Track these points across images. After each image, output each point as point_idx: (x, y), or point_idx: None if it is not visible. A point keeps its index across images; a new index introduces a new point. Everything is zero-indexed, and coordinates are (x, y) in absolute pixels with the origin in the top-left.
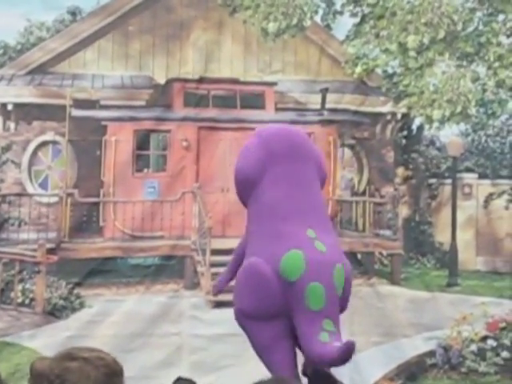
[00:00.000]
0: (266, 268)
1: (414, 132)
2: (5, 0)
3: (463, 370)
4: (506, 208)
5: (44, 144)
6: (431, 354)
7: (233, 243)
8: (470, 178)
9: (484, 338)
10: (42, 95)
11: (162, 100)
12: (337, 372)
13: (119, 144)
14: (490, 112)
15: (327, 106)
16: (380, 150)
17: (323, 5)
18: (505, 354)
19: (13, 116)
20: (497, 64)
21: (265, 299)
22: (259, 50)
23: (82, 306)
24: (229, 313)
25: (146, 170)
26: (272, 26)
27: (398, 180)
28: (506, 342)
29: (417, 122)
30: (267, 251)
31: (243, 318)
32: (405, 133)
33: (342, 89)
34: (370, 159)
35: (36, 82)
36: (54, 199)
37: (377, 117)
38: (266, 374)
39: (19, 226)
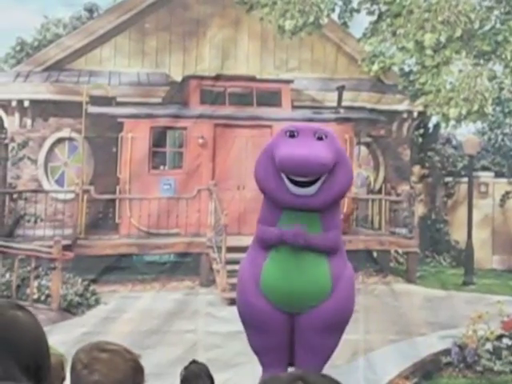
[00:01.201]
0: None
1: (431, 130)
2: None
3: (478, 368)
4: None
5: (60, 141)
6: (446, 352)
7: (248, 241)
8: (486, 176)
9: (499, 337)
10: (58, 92)
11: (179, 97)
12: (351, 369)
13: (135, 141)
14: (506, 110)
15: (343, 103)
16: (396, 148)
17: (340, 2)
18: None
19: (29, 112)
20: None
21: None
22: (276, 48)
23: (97, 302)
24: None
25: (162, 167)
26: (289, 24)
27: (414, 178)
28: None
29: (433, 120)
30: None
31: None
32: (421, 131)
33: (358, 87)
34: (386, 157)
35: (52, 79)
36: (70, 196)
37: (393, 115)
38: None
39: (35, 222)
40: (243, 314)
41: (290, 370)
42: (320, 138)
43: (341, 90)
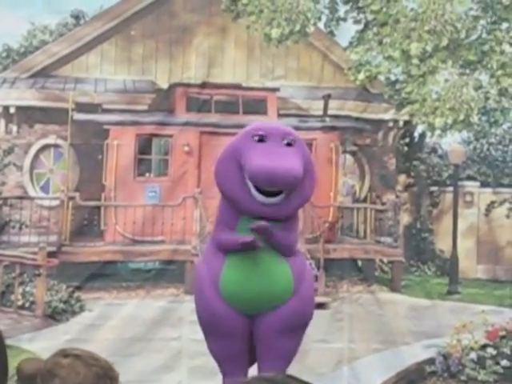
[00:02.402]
0: None
1: (416, 139)
2: (8, 3)
3: (462, 378)
4: (508, 216)
5: (46, 147)
6: (431, 361)
7: None
8: (471, 186)
9: (484, 347)
10: (44, 98)
11: (165, 104)
12: (335, 378)
13: (121, 148)
14: (492, 120)
15: (329, 112)
16: (382, 157)
17: (326, 11)
18: (504, 362)
19: (15, 119)
20: (500, 72)
21: None
22: (262, 56)
23: (82, 309)
24: None
25: (147, 175)
26: (275, 32)
27: (399, 187)
28: (506, 350)
29: (419, 129)
30: None
31: None
32: (407, 140)
33: (344, 95)
34: (371, 166)
35: (38, 86)
36: (56, 202)
37: (379, 124)
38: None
39: (20, 228)
40: (203, 319)
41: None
42: (289, 144)
43: (327, 98)
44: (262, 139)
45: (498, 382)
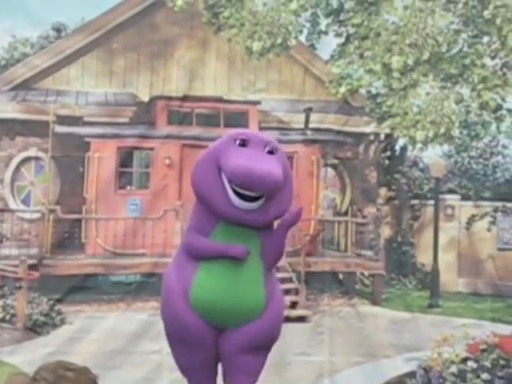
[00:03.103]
0: None
1: (397, 153)
2: None
3: None
4: (489, 230)
5: (27, 160)
6: (411, 374)
7: None
8: (452, 199)
9: (464, 360)
10: (25, 111)
11: (146, 117)
12: None
13: (102, 161)
14: (473, 134)
15: (311, 125)
16: (363, 170)
17: (308, 24)
18: (485, 375)
19: None
20: (481, 86)
21: None
22: (243, 69)
23: (62, 322)
24: None
25: (128, 187)
26: (256, 45)
27: (380, 200)
28: (487, 363)
29: (400, 142)
30: None
31: None
32: (388, 153)
33: (325, 108)
34: (352, 179)
35: (19, 98)
36: (37, 215)
37: (360, 137)
38: None
39: (1, 241)
40: (170, 328)
41: None
42: (271, 152)
43: (308, 111)
44: (243, 144)
45: None
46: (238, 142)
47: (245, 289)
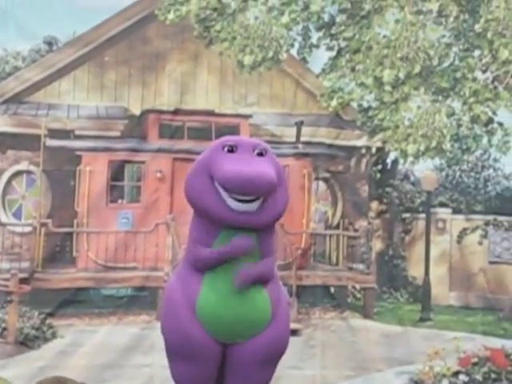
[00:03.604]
0: None
1: (389, 166)
2: None
3: None
4: (480, 243)
5: (18, 173)
6: None
7: None
8: (443, 212)
9: (456, 373)
10: (16, 125)
11: (137, 131)
12: None
13: (93, 174)
14: (464, 147)
15: (302, 139)
16: (354, 184)
17: (299, 38)
18: None
19: None
20: (472, 99)
21: None
22: (235, 82)
23: (54, 336)
24: None
25: (120, 201)
26: (248, 59)
27: (371, 214)
28: (478, 377)
29: (391, 156)
30: None
31: None
32: (379, 167)
33: (317, 122)
34: (344, 193)
35: (11, 112)
36: (28, 229)
37: (351, 150)
38: None
39: None
40: (174, 342)
41: None
42: (260, 154)
43: (299, 125)
44: (231, 150)
45: None
46: (226, 148)
47: (250, 299)
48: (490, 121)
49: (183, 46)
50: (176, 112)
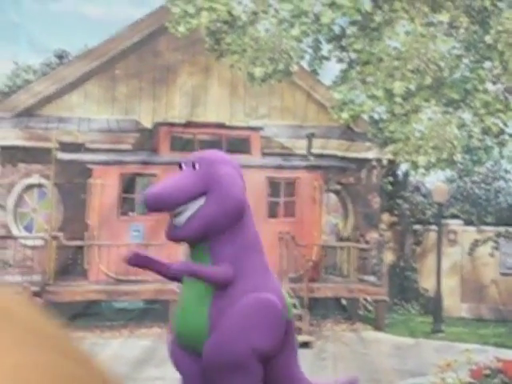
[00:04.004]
0: (281, 306)
1: (400, 178)
2: None
3: None
4: (491, 255)
5: (29, 187)
6: None
7: None
8: (455, 224)
9: None
10: (28, 138)
11: (148, 144)
12: None
13: (105, 187)
14: (475, 159)
15: (313, 151)
16: (365, 196)
17: (310, 50)
18: None
19: None
20: (483, 111)
21: (280, 338)
22: (246, 95)
23: None
24: None
25: (131, 214)
26: (259, 71)
27: (383, 226)
28: None
29: (402, 168)
30: (273, 288)
31: (253, 358)
32: (390, 179)
33: (328, 134)
34: (355, 205)
35: (22, 125)
36: (39, 242)
37: (362, 162)
38: None
39: (4, 268)
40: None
41: None
42: (194, 167)
43: (310, 137)
44: (180, 167)
45: None
46: (178, 166)
47: (190, 310)
48: (501, 132)
49: (194, 59)
50: (187, 125)
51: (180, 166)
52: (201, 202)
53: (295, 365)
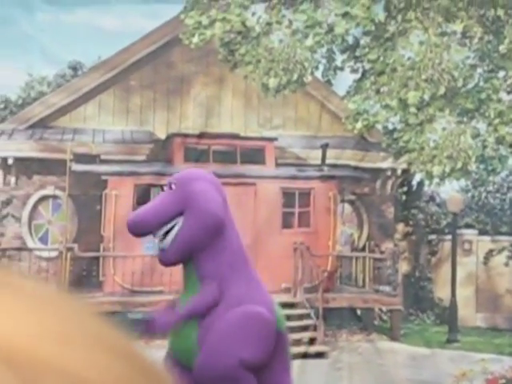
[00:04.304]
0: (270, 318)
1: (414, 188)
2: (6, 54)
3: None
4: (506, 264)
5: (44, 198)
6: None
7: None
8: (469, 234)
9: None
10: (42, 149)
11: (163, 155)
12: None
13: (119, 198)
14: (490, 168)
15: (327, 161)
16: (380, 206)
17: (324, 61)
18: None
19: (13, 170)
20: (497, 120)
21: (270, 350)
22: (260, 106)
23: None
24: None
25: None
26: (272, 82)
27: (397, 236)
28: None
29: (417, 177)
30: (261, 299)
31: (242, 369)
32: (405, 189)
33: (342, 144)
34: (370, 215)
35: (37, 137)
36: (54, 253)
37: (377, 172)
38: None
39: None
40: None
41: None
42: (171, 188)
43: (325, 147)
44: (162, 189)
45: None
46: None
47: (178, 334)
48: None
49: (208, 70)
50: (201, 136)
51: (162, 189)
52: (180, 222)
53: (288, 379)
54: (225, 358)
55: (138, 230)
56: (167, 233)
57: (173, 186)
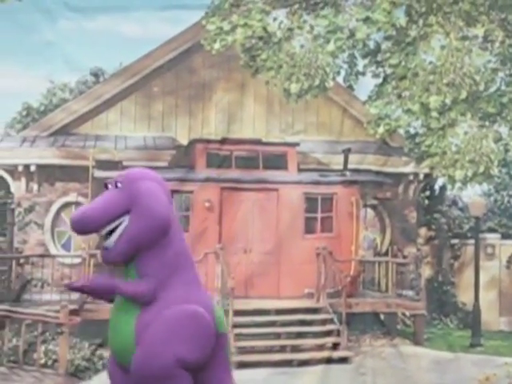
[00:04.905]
0: (210, 318)
1: (437, 192)
2: (28, 62)
3: None
4: None
5: (67, 205)
6: None
7: (256, 304)
8: (492, 238)
9: None
10: (64, 156)
11: (185, 161)
12: None
13: None
14: None
15: (350, 166)
16: (402, 211)
17: (345, 66)
18: None
19: (36, 177)
20: None
21: (208, 349)
22: (281, 111)
23: (104, 367)
24: (252, 373)
25: None
26: (294, 87)
27: (420, 240)
28: None
29: (439, 182)
30: (200, 300)
31: (179, 368)
32: (427, 193)
33: (364, 149)
34: (392, 219)
35: (59, 144)
36: (77, 260)
37: (399, 177)
38: None
39: (42, 287)
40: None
41: None
42: (116, 186)
43: (347, 152)
44: (106, 187)
45: None
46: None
47: (117, 326)
48: None
49: (229, 76)
50: (223, 141)
51: (106, 186)
52: (126, 221)
53: (228, 379)
54: (162, 356)
55: (84, 227)
56: (111, 231)
57: (119, 185)
